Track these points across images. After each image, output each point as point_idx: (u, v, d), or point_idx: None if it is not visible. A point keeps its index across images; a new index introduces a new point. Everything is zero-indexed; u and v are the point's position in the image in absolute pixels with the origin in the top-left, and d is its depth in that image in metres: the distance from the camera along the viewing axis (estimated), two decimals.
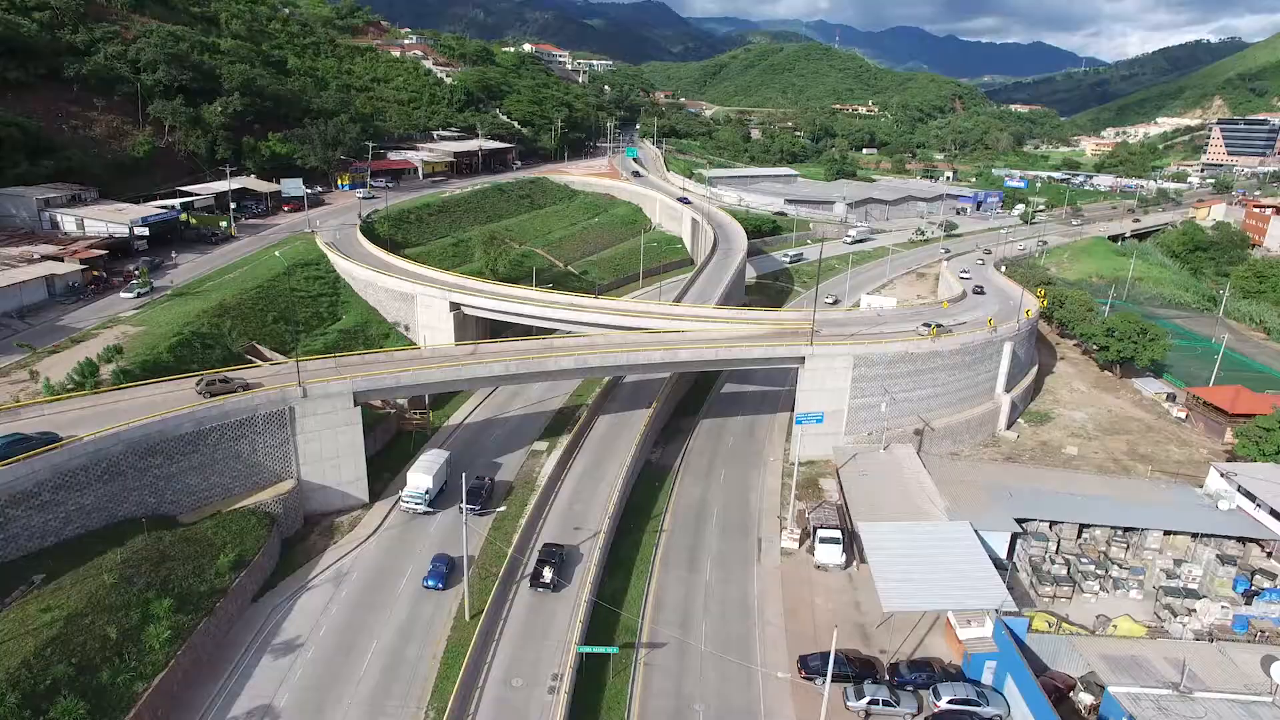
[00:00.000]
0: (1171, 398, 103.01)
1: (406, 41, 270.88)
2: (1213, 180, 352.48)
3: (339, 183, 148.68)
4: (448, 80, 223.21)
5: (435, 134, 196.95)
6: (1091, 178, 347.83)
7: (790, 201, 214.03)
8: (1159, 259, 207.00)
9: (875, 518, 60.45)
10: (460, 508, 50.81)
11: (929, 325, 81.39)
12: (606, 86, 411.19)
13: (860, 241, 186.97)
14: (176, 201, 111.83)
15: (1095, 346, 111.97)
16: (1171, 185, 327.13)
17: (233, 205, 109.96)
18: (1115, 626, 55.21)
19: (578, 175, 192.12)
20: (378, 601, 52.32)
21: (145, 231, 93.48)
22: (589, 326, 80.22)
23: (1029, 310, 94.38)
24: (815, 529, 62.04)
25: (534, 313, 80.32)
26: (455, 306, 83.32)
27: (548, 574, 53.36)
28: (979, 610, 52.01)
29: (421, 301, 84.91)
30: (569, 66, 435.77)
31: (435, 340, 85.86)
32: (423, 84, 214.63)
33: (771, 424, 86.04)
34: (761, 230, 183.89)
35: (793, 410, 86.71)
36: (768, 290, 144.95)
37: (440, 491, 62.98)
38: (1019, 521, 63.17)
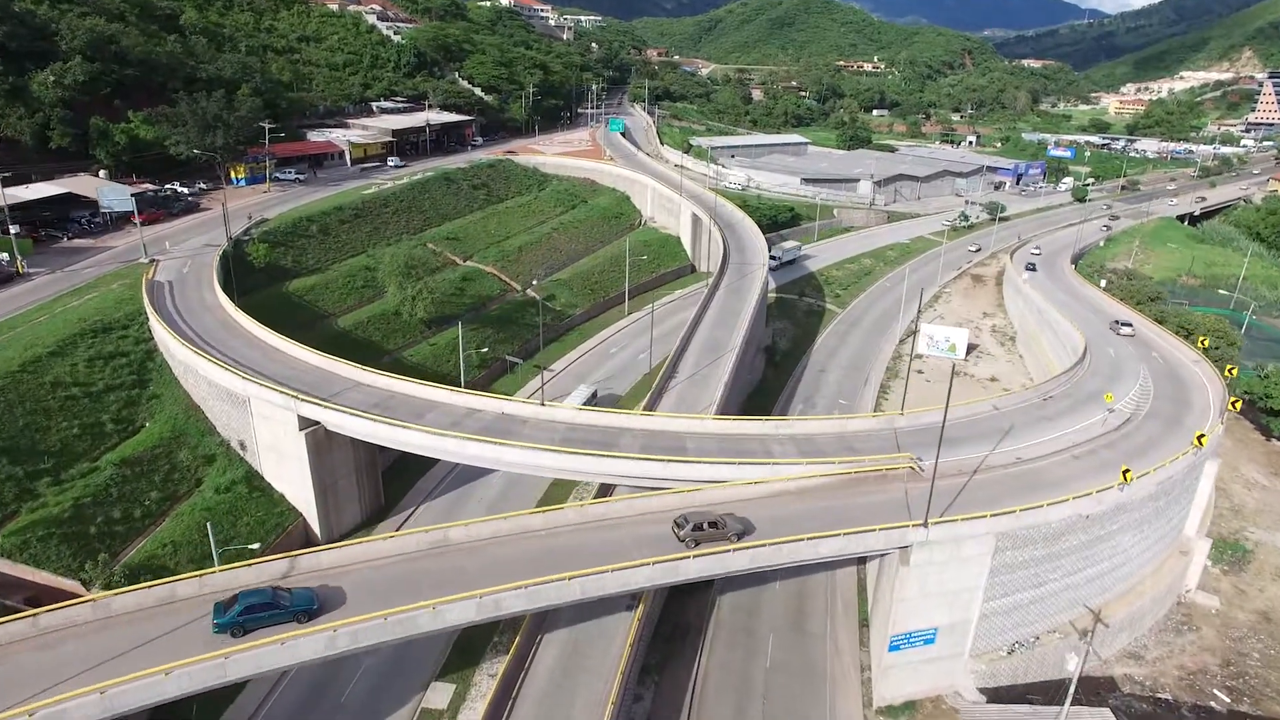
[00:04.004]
0: None
1: None
2: (1271, 141, 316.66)
3: (233, 176, 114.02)
4: (395, 38, 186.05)
5: (375, 105, 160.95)
6: (1134, 142, 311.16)
7: (807, 181, 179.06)
8: (1245, 246, 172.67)
9: None
10: None
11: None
12: (594, 44, 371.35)
13: (788, 264, 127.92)
14: None
15: (1263, 405, 79.58)
16: (1227, 150, 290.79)
17: (13, 229, 75.15)
18: None
19: (551, 154, 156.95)
20: None
21: None
22: (523, 466, 47.32)
23: (1235, 401, 60.89)
24: None
25: (431, 445, 47.15)
26: (309, 423, 50.15)
27: None
28: None
29: (258, 409, 51.65)
30: (552, 22, 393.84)
31: (283, 470, 52.85)
32: (363, 44, 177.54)
33: (833, 590, 53.53)
34: (778, 221, 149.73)
35: (862, 564, 54.87)
36: (793, 312, 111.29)
37: None
38: None
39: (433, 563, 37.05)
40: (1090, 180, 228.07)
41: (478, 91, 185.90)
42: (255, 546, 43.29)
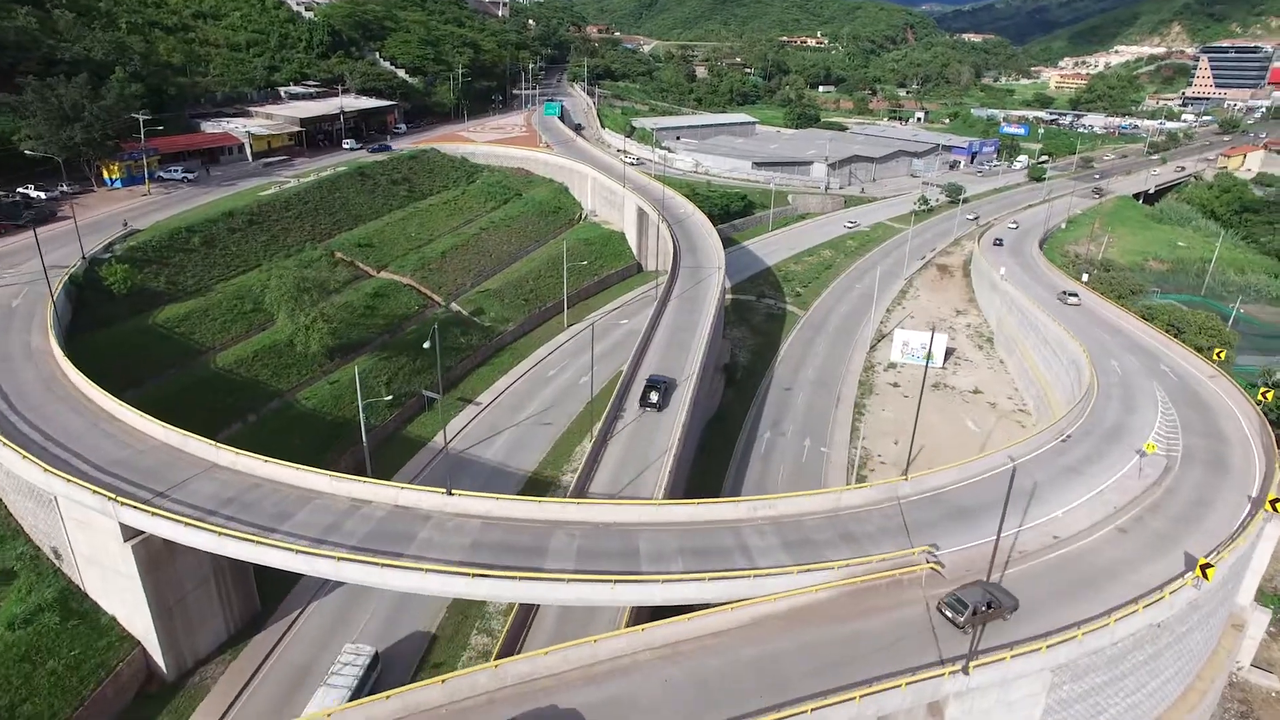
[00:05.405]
0: None
1: None
2: (1210, 116, 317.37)
3: (106, 176, 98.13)
4: (307, 15, 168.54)
5: (283, 91, 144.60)
6: (1081, 117, 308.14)
7: (759, 165, 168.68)
8: (1204, 226, 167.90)
9: None
10: None
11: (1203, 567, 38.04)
12: (531, 20, 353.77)
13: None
14: None
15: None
16: (1172, 125, 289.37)
17: None
18: None
19: (482, 142, 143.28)
20: None
21: None
22: (422, 590, 35.54)
23: None
24: None
25: (297, 565, 34.91)
26: (135, 532, 37.55)
27: None
28: None
29: (69, 512, 38.77)
30: None
31: (110, 586, 40.02)
32: (269, 21, 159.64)
33: None
34: (730, 211, 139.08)
35: None
36: (751, 316, 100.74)
37: None
38: None
39: None
40: (1045, 158, 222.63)
41: (401, 73, 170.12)
42: None
